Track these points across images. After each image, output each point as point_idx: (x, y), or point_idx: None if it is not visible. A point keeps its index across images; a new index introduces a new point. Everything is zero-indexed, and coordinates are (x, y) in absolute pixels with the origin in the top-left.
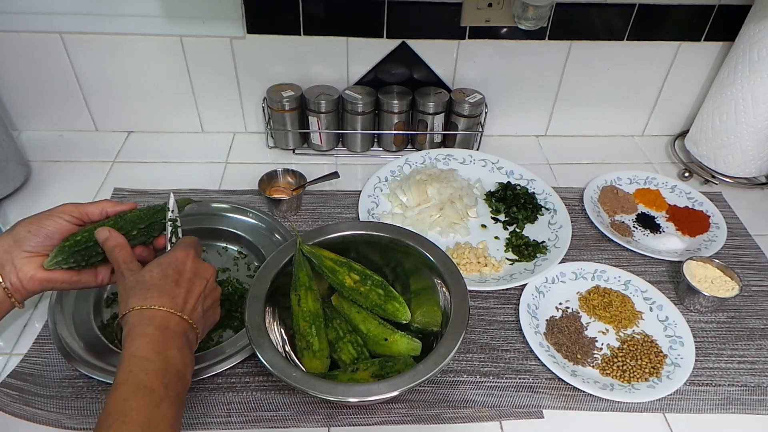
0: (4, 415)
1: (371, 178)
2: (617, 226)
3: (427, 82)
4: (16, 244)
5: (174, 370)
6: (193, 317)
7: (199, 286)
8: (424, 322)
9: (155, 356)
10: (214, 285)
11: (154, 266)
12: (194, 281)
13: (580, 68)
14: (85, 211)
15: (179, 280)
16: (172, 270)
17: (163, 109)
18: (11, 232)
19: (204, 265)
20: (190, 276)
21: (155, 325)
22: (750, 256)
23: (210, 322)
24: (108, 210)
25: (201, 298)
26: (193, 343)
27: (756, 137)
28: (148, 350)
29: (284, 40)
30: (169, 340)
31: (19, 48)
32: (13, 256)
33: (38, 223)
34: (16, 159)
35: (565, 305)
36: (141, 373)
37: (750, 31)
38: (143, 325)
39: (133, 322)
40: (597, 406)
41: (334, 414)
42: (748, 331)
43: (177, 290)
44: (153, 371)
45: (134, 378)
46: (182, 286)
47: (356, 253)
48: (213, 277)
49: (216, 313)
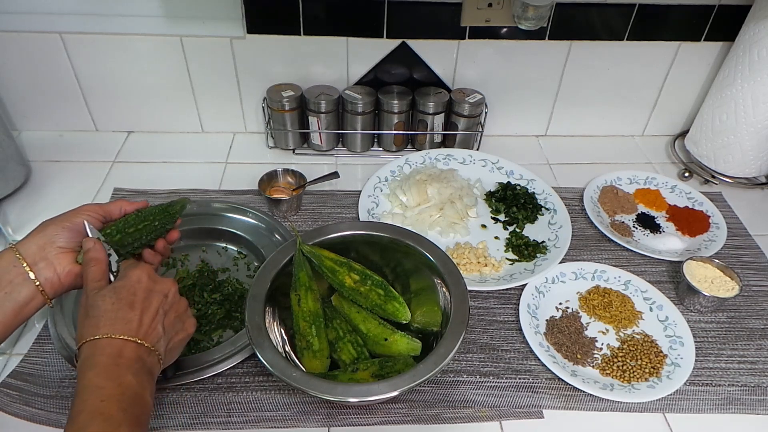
0: (4, 415)
1: (371, 178)
2: (617, 226)
3: (427, 82)
4: (50, 242)
5: (131, 395)
6: (151, 338)
7: (156, 302)
8: (424, 322)
9: (109, 383)
10: (176, 298)
11: (107, 291)
12: (150, 299)
13: (580, 68)
14: (107, 209)
15: (133, 302)
16: (126, 292)
17: (163, 109)
18: (41, 232)
19: (161, 281)
20: (145, 295)
21: (107, 354)
22: (750, 256)
23: (181, 336)
24: (126, 208)
25: (160, 316)
26: (153, 366)
27: (756, 137)
28: (101, 379)
29: (284, 40)
30: (123, 367)
31: (19, 48)
32: (47, 252)
33: (68, 220)
34: (16, 159)
35: (565, 305)
36: (96, 401)
37: (750, 31)
38: (96, 356)
39: (87, 353)
40: (597, 406)
41: (334, 414)
42: (748, 331)
43: (131, 314)
44: (108, 398)
45: (90, 406)
46: (136, 308)
47: (356, 253)
48: (172, 290)
49: (188, 325)
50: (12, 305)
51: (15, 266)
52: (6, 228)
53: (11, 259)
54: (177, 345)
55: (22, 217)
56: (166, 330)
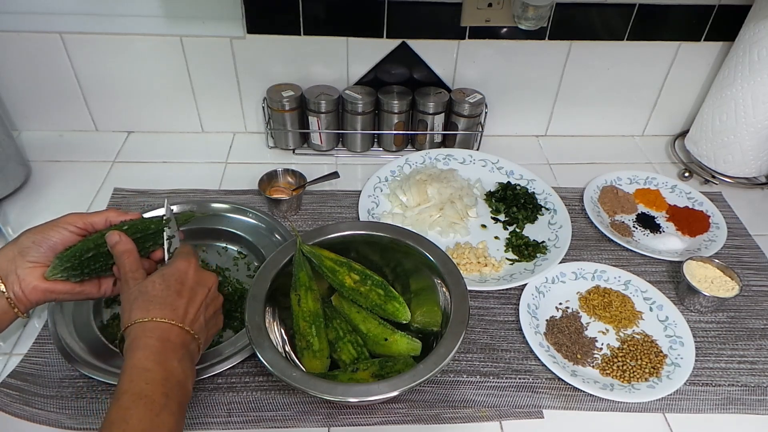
0: (4, 415)
1: (371, 178)
2: (617, 226)
3: (427, 82)
4: (20, 254)
5: (174, 381)
6: (195, 327)
7: (201, 295)
8: (424, 322)
9: (156, 367)
10: (216, 294)
11: (156, 277)
12: (196, 291)
13: (580, 68)
14: (90, 221)
15: (181, 290)
16: (174, 281)
17: (163, 109)
18: (16, 242)
19: (206, 274)
20: (192, 285)
21: (156, 336)
22: (750, 256)
23: (213, 331)
24: (112, 219)
25: (203, 308)
26: (195, 354)
27: (756, 137)
28: (149, 361)
29: (284, 40)
30: (170, 351)
31: (19, 48)
32: (16, 265)
33: (43, 234)
34: (16, 159)
35: (565, 305)
36: (142, 383)
37: (750, 31)
38: (145, 337)
39: (136, 335)
40: (597, 406)
41: (334, 414)
42: (748, 331)
43: (179, 301)
44: (153, 381)
45: (135, 388)
46: (184, 297)
47: (356, 253)
48: (215, 285)
49: (219, 321)
50: None
51: None
52: (6, 228)
53: None
54: (209, 339)
55: (22, 217)
56: (207, 322)
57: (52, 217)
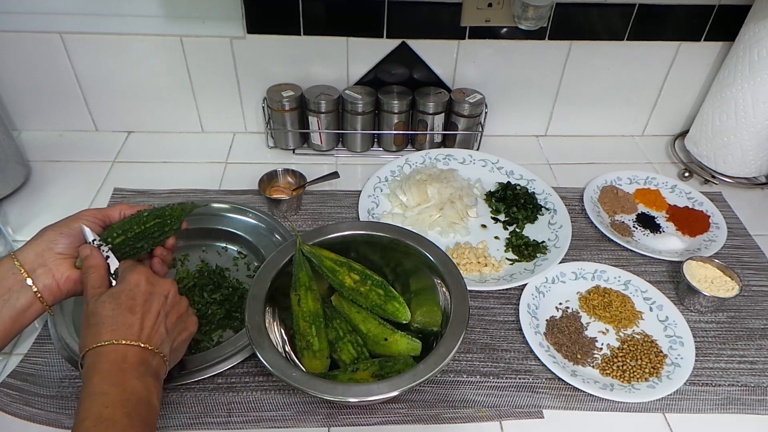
0: (4, 415)
1: (371, 178)
2: (617, 226)
3: (427, 82)
4: (48, 248)
5: (136, 399)
6: (154, 341)
7: (157, 305)
8: (424, 322)
9: (113, 389)
10: (176, 299)
11: (106, 297)
12: (151, 302)
13: (580, 68)
14: (106, 213)
15: (133, 306)
16: (125, 297)
17: (163, 109)
18: (40, 237)
19: (160, 282)
20: (145, 298)
21: (110, 360)
22: (750, 256)
23: (184, 336)
24: (126, 211)
25: (161, 318)
26: (159, 368)
27: (756, 137)
28: (105, 385)
29: (284, 40)
30: (127, 372)
31: (19, 48)
32: (45, 258)
33: (67, 226)
34: (16, 159)
35: (565, 305)
36: (101, 408)
37: (750, 31)
38: (99, 363)
39: (90, 361)
40: (597, 406)
41: (334, 414)
42: (748, 331)
43: (131, 318)
44: (113, 403)
45: (94, 413)
46: (137, 312)
47: (356, 253)
48: (172, 291)
49: (190, 324)
50: (10, 312)
51: (13, 273)
52: (6, 228)
53: (9, 267)
54: (181, 345)
55: (22, 217)
56: (169, 331)
57: (52, 217)
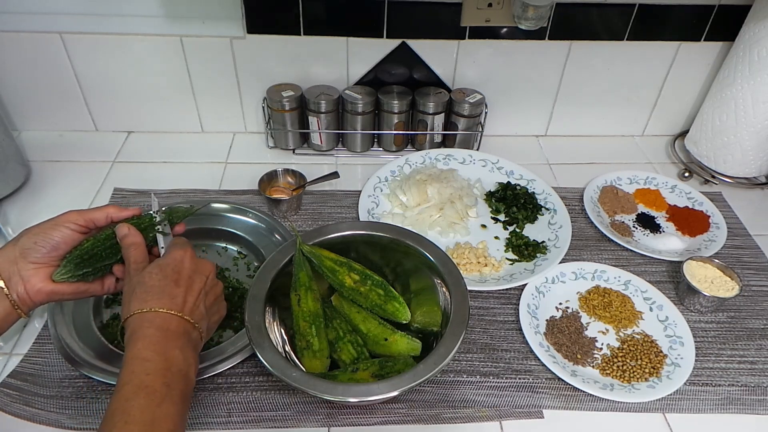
0: (4, 415)
1: (371, 178)
2: (617, 226)
3: (427, 82)
4: (22, 256)
5: (176, 370)
6: (195, 316)
7: (199, 283)
8: (424, 322)
9: (156, 357)
10: (214, 281)
11: (153, 268)
12: (193, 279)
13: (580, 68)
14: (90, 217)
15: (178, 279)
16: (170, 270)
17: (163, 109)
18: (16, 242)
19: (202, 262)
20: (189, 274)
21: (155, 326)
22: (750, 256)
23: (216, 318)
24: (112, 215)
25: (202, 296)
26: (197, 342)
27: (756, 137)
28: (149, 351)
29: (284, 40)
30: (170, 340)
31: (19, 48)
32: (19, 267)
33: (44, 234)
34: (16, 159)
35: (565, 305)
36: (142, 374)
37: (750, 31)
38: (144, 328)
39: (135, 326)
40: (597, 406)
41: (334, 414)
42: (748, 331)
43: (176, 290)
44: (154, 371)
45: (136, 379)
46: (181, 286)
47: (356, 253)
48: (212, 273)
49: (222, 308)
50: None
51: None
52: (6, 228)
53: None
54: (213, 326)
55: (22, 217)
56: (207, 309)
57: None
